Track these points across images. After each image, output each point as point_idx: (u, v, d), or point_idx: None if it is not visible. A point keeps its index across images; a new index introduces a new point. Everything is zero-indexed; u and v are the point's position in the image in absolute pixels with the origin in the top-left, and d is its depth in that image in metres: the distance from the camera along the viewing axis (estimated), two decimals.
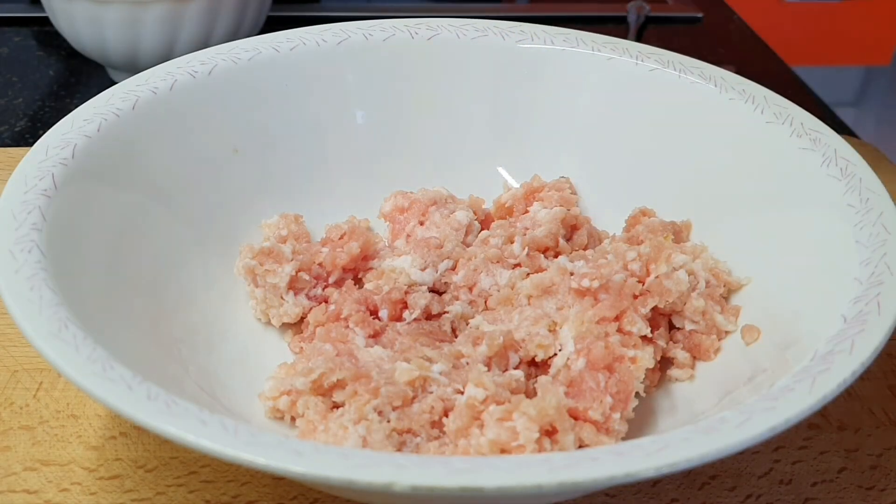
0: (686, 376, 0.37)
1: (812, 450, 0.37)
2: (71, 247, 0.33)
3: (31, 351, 0.40)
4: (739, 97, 0.41)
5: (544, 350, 0.36)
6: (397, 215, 0.43)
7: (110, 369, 0.27)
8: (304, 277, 0.41)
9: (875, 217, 0.34)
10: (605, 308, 0.36)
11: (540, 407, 0.31)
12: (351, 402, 0.34)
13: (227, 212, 0.42)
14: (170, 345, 0.35)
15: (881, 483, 0.36)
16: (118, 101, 0.38)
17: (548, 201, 0.43)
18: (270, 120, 0.43)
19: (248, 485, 0.35)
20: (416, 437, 0.34)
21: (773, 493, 0.35)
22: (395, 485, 0.24)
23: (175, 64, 0.41)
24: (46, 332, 0.28)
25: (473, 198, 0.45)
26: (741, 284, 0.38)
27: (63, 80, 0.68)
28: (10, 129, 0.61)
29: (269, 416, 0.36)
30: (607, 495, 0.35)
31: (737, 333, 0.37)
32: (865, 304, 0.30)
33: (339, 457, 0.24)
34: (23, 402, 0.38)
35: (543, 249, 0.41)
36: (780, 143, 0.39)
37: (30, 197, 0.33)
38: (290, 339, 0.40)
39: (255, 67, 0.43)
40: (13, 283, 0.29)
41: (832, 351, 0.28)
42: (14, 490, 0.34)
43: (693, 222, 0.42)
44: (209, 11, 0.60)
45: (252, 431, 0.25)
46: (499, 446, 0.31)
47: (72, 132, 0.36)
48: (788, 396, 0.27)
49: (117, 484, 0.34)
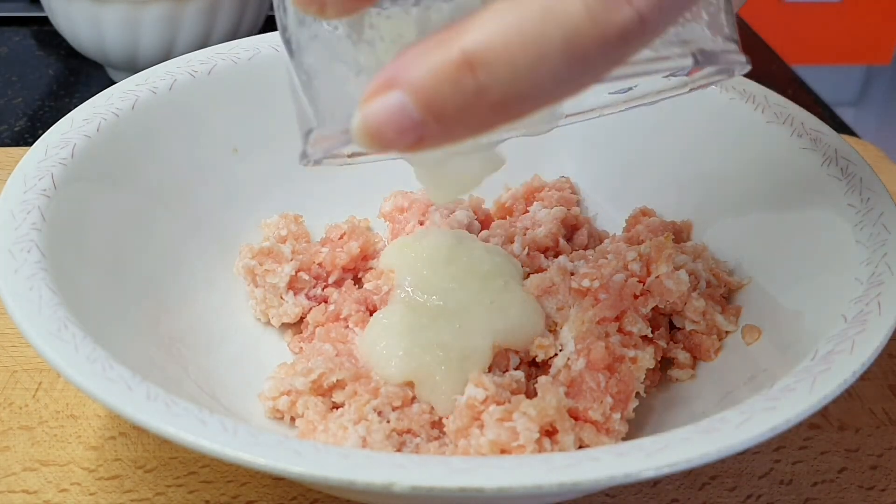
0: (686, 376, 0.37)
1: (812, 450, 0.37)
2: (70, 246, 0.33)
3: (30, 351, 0.40)
4: (739, 97, 0.41)
5: (544, 350, 0.36)
6: (397, 215, 0.43)
7: (110, 369, 0.27)
8: (303, 277, 0.41)
9: (875, 217, 0.34)
10: (606, 308, 0.36)
11: (540, 407, 0.31)
12: (351, 402, 0.34)
13: (227, 212, 0.42)
14: (169, 345, 0.35)
15: (881, 483, 0.36)
16: (118, 100, 0.38)
17: (548, 201, 0.43)
18: (270, 120, 0.43)
19: (247, 485, 0.35)
20: (416, 438, 0.34)
21: (774, 494, 0.35)
22: (394, 485, 0.24)
23: (174, 63, 0.41)
24: (46, 332, 0.28)
25: (473, 198, 0.45)
26: (741, 284, 0.38)
27: (62, 79, 0.67)
28: (9, 128, 0.61)
29: (269, 417, 0.36)
30: (607, 495, 0.35)
31: (737, 333, 0.37)
32: (866, 303, 0.30)
33: (339, 457, 0.24)
34: (22, 402, 0.38)
35: (543, 249, 0.41)
36: (781, 142, 0.39)
37: (29, 197, 0.33)
38: (290, 340, 0.40)
39: (255, 67, 0.43)
40: (13, 283, 0.29)
41: (833, 351, 0.28)
42: (13, 490, 0.34)
43: (693, 222, 0.42)
44: (208, 11, 0.60)
45: (252, 431, 0.25)
46: (499, 446, 0.31)
47: (71, 132, 0.36)
48: (789, 396, 0.27)
49: (117, 484, 0.34)
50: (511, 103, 0.21)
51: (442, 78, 0.21)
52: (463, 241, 0.39)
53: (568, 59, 0.20)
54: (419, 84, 0.21)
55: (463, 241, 0.39)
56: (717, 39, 0.25)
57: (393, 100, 0.21)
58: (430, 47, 0.21)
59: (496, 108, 0.21)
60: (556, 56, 0.20)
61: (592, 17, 0.20)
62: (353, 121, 0.22)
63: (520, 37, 0.20)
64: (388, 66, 0.22)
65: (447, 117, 0.21)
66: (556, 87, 0.21)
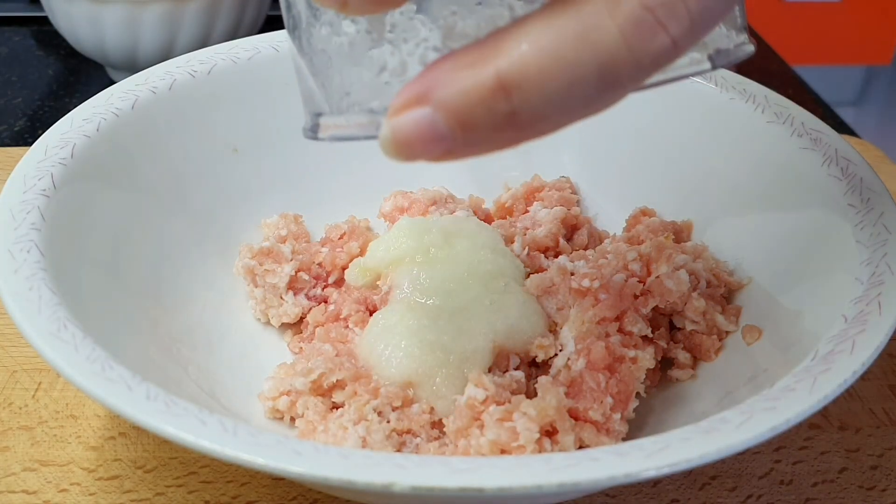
0: (686, 376, 0.37)
1: (813, 450, 0.37)
2: (70, 247, 0.33)
3: (30, 351, 0.40)
4: (740, 97, 0.41)
5: (544, 350, 0.36)
6: (397, 215, 0.43)
7: (109, 369, 0.27)
8: (303, 277, 0.41)
9: (876, 217, 0.34)
10: (606, 308, 0.36)
11: (540, 407, 0.31)
12: (350, 402, 0.34)
13: (227, 212, 0.42)
14: (169, 345, 0.35)
15: (882, 483, 0.36)
16: (117, 100, 0.38)
17: (548, 201, 0.43)
18: (270, 120, 0.43)
19: (247, 485, 0.35)
20: (416, 438, 0.34)
21: (774, 494, 0.35)
22: (394, 485, 0.24)
23: (174, 63, 0.41)
24: (45, 332, 0.27)
25: (473, 198, 0.45)
26: (742, 284, 0.38)
27: (62, 79, 0.67)
28: (9, 128, 0.61)
29: (269, 417, 0.36)
30: (607, 496, 0.35)
31: (737, 333, 0.37)
32: (866, 304, 0.30)
33: (339, 457, 0.24)
34: (22, 402, 0.38)
35: (544, 249, 0.41)
36: (781, 142, 0.39)
37: (29, 197, 0.33)
38: (290, 340, 0.40)
39: (255, 67, 0.43)
40: (12, 283, 0.29)
41: (833, 351, 0.28)
42: (13, 490, 0.34)
43: (693, 222, 0.42)
44: (208, 11, 0.60)
45: (251, 431, 0.25)
46: (499, 447, 0.31)
47: (71, 132, 0.36)
48: (789, 396, 0.27)
49: (116, 484, 0.34)
50: (540, 124, 0.21)
51: (476, 100, 0.21)
52: (462, 233, 0.39)
53: (600, 85, 0.21)
54: (452, 104, 0.21)
55: (462, 233, 0.39)
56: (732, 34, 0.25)
57: (423, 115, 0.21)
58: (463, 65, 0.21)
59: (524, 128, 0.21)
60: (589, 82, 0.21)
61: (629, 45, 0.20)
62: (382, 131, 0.22)
63: (555, 62, 0.20)
64: (418, 78, 0.22)
65: (476, 136, 0.21)
66: (585, 109, 0.21)
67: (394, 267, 0.39)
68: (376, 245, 0.40)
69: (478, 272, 0.38)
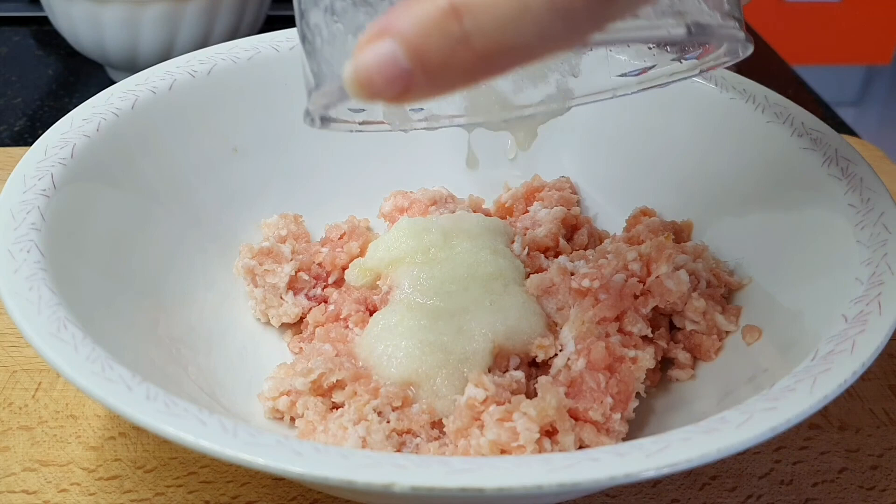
0: (686, 376, 0.37)
1: (813, 450, 0.37)
2: (70, 247, 0.33)
3: (29, 351, 0.40)
4: (740, 97, 0.41)
5: (544, 350, 0.36)
6: (397, 215, 0.43)
7: (109, 369, 0.27)
8: (303, 277, 0.41)
9: (876, 217, 0.34)
10: (606, 308, 0.36)
11: (540, 407, 0.31)
12: (350, 402, 0.34)
13: (227, 212, 0.42)
14: (169, 345, 0.35)
15: (882, 483, 0.36)
16: (117, 100, 0.38)
17: (548, 201, 0.43)
18: (270, 120, 0.43)
19: (247, 485, 0.35)
20: (416, 438, 0.34)
21: (774, 494, 0.35)
22: (395, 485, 0.24)
23: (174, 63, 0.41)
24: (45, 332, 0.27)
25: (473, 198, 0.45)
26: (742, 284, 0.38)
27: (62, 79, 0.67)
28: (9, 128, 0.61)
29: (269, 417, 0.36)
30: (607, 496, 0.35)
31: (737, 333, 0.37)
32: (866, 304, 0.30)
33: (339, 457, 0.24)
34: (22, 402, 0.38)
35: (544, 249, 0.41)
36: (781, 142, 0.39)
37: (29, 196, 0.33)
38: (290, 340, 0.40)
39: (255, 67, 0.43)
40: (12, 283, 0.29)
41: (833, 351, 0.28)
42: (13, 490, 0.34)
43: (693, 222, 0.42)
44: (208, 11, 0.60)
45: (251, 432, 0.25)
46: (499, 447, 0.31)
47: (71, 132, 0.36)
48: (789, 396, 0.27)
49: (116, 484, 0.34)
50: (495, 54, 0.21)
51: (429, 24, 0.21)
52: (462, 233, 0.39)
53: (551, 11, 0.21)
54: (408, 31, 0.21)
55: (462, 233, 0.39)
56: (715, 15, 0.25)
57: (384, 48, 0.22)
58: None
59: (480, 59, 0.21)
60: (539, 7, 0.21)
61: None
62: (346, 70, 0.22)
63: None
64: (382, 15, 0.22)
65: (433, 66, 0.21)
66: (540, 41, 0.21)
67: (394, 267, 0.39)
68: (376, 245, 0.40)
69: (478, 272, 0.38)
